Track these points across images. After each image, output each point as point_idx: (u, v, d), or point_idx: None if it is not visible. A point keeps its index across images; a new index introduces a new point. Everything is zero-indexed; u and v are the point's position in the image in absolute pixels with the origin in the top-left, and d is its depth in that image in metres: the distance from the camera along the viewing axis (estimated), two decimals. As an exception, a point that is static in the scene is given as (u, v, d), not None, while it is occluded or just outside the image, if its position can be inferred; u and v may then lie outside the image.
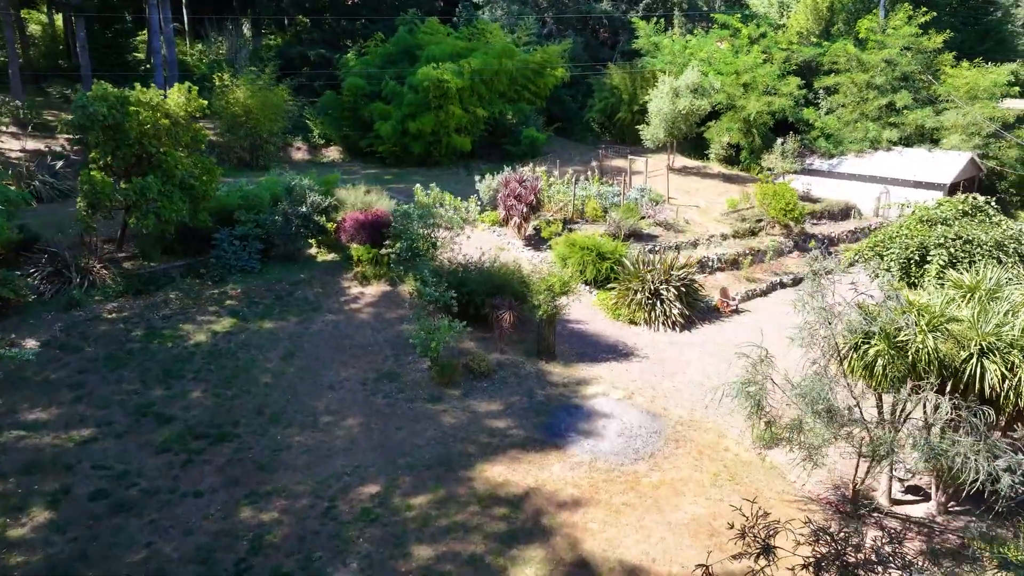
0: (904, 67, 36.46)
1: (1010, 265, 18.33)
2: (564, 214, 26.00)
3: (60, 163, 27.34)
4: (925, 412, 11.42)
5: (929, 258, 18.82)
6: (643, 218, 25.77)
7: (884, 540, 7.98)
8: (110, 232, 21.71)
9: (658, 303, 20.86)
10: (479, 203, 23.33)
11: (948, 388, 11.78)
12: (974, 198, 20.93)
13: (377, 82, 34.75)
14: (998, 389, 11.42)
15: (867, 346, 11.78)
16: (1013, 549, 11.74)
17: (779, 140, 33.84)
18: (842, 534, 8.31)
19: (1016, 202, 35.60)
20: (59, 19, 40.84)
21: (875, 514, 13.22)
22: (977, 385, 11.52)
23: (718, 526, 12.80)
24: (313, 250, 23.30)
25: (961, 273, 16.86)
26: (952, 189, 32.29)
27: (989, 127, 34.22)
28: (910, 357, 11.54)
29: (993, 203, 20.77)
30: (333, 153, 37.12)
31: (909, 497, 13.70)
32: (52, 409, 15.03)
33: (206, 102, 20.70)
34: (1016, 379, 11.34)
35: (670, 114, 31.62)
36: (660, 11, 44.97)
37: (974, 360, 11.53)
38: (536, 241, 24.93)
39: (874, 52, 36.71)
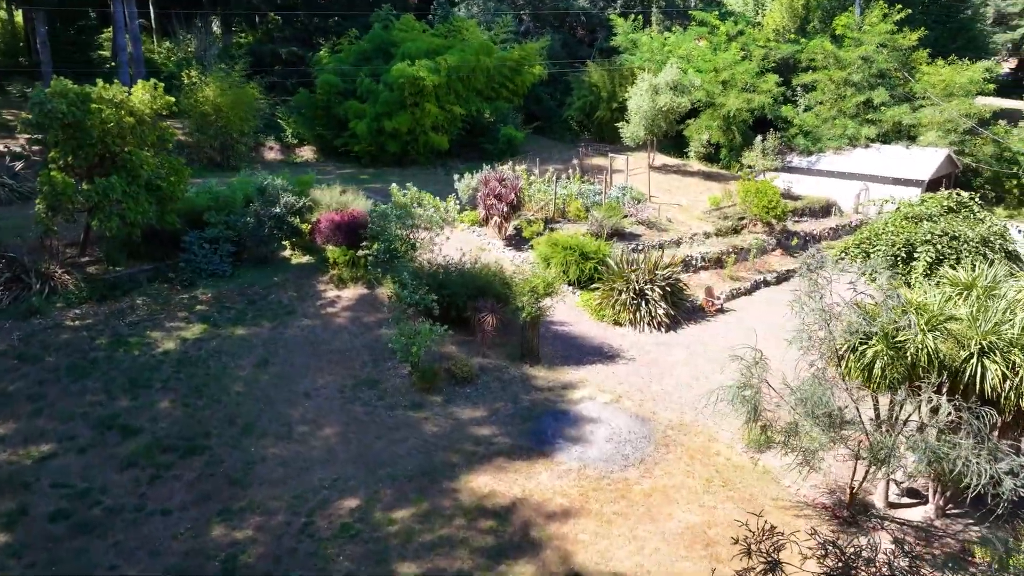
0: (880, 64, 36.50)
1: (996, 261, 18.20)
2: (545, 213, 25.50)
3: (20, 164, 26.23)
4: (921, 414, 11.05)
5: (916, 255, 18.63)
6: (625, 217, 25.36)
7: (897, 553, 7.54)
8: (73, 236, 20.75)
9: (643, 303, 20.43)
10: (458, 203, 22.76)
11: (948, 389, 11.44)
12: (958, 194, 20.82)
13: (352, 80, 33.98)
14: (999, 389, 11.10)
15: (865, 347, 11.41)
16: (1017, 557, 11.45)
17: (758, 137, 33.67)
18: (852, 548, 7.86)
19: (992, 198, 35.79)
20: (19, 15, 39.45)
21: (873, 519, 12.87)
22: (978, 386, 11.19)
23: (714, 535, 12.36)
24: (287, 252, 22.52)
25: (953, 270, 16.65)
26: (930, 186, 32.34)
27: (966, 124, 34.36)
28: (909, 358, 11.18)
29: (977, 199, 20.66)
30: (307, 153, 36.23)
31: (906, 500, 13.39)
32: (9, 423, 14.17)
33: (173, 99, 19.86)
34: (1017, 379, 11.03)
35: (650, 111, 31.28)
36: (638, 8, 44.66)
37: (974, 360, 11.20)
38: (517, 241, 24.39)
39: (851, 49, 36.70)
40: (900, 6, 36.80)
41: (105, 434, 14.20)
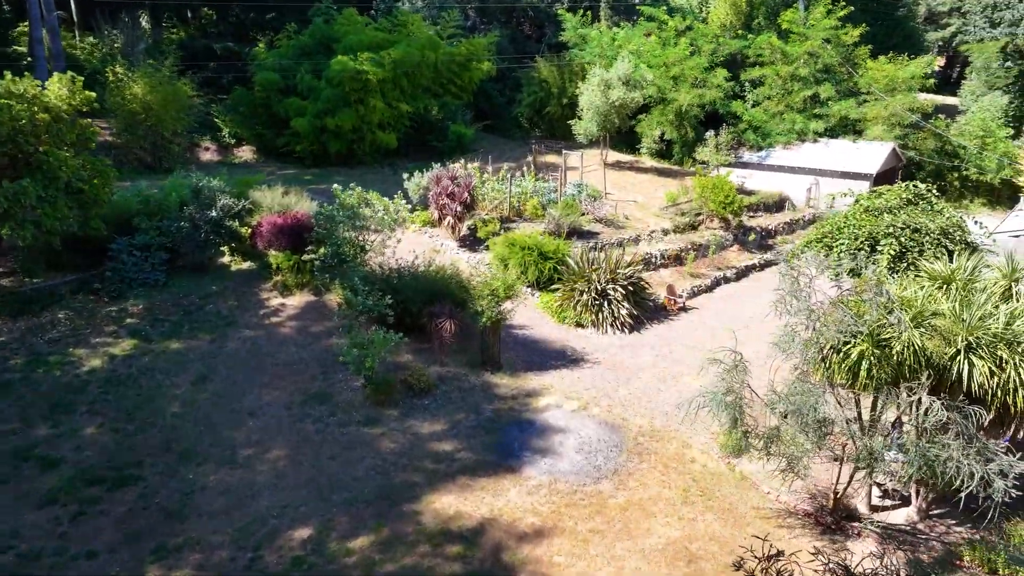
0: (826, 59, 36.77)
1: (957, 253, 18.05)
2: (500, 212, 24.58)
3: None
4: (913, 414, 10.52)
5: (879, 248, 18.36)
6: (583, 215, 24.63)
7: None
8: (-16, 245, 18.93)
9: (606, 304, 19.69)
10: (409, 203, 21.63)
11: (934, 387, 10.93)
12: (915, 186, 20.70)
13: (292, 76, 32.40)
14: (987, 386, 10.66)
15: (849, 347, 10.83)
16: (1003, 556, 11.04)
17: (709, 133, 33.45)
18: (859, 569, 7.17)
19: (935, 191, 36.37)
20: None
21: (856, 524, 12.35)
22: (965, 383, 10.72)
23: (696, 550, 11.64)
24: (226, 259, 21.07)
25: (919, 263, 16.37)
26: (877, 179, 32.61)
27: (910, 118, 34.82)
28: (895, 357, 10.64)
29: (934, 190, 20.59)
30: (246, 153, 34.49)
31: (888, 502, 12.92)
32: (-94, 460, 12.53)
33: (94, 95, 18.20)
34: (1005, 376, 10.60)
35: (603, 106, 30.65)
36: (586, 3, 44.13)
37: (961, 357, 10.74)
38: (472, 242, 23.40)
39: (797, 44, 36.87)
40: (843, 2, 37.14)
41: (20, 467, 12.70)
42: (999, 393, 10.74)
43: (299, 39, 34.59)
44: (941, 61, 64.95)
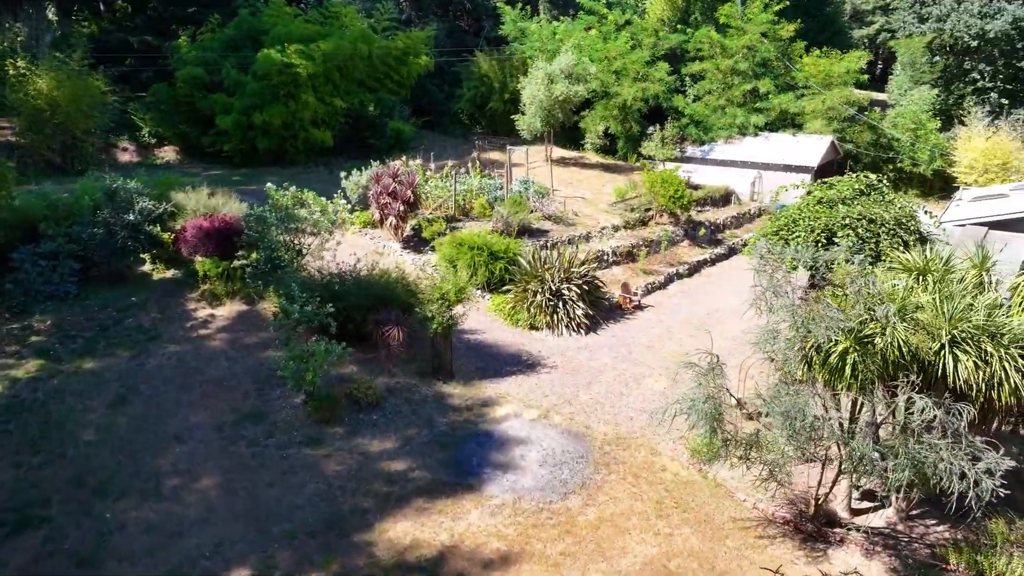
0: (764, 53, 36.91)
1: (911, 244, 17.87)
2: (445, 211, 23.41)
3: None
4: (902, 414, 9.91)
5: (836, 240, 18.00)
6: (532, 212, 23.69)
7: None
8: None
9: (560, 304, 18.79)
10: (348, 203, 20.25)
11: (917, 383, 10.37)
12: (866, 176, 20.53)
13: (217, 71, 30.43)
14: (971, 381, 10.15)
15: (831, 345, 10.16)
16: (989, 558, 10.58)
17: (653, 127, 33.07)
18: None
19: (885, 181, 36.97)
20: None
21: (838, 530, 11.75)
22: (950, 379, 10.19)
23: (676, 568, 10.80)
24: (148, 267, 19.29)
25: (876, 255, 16.04)
26: (818, 172, 32.83)
27: (847, 111, 35.22)
28: (878, 353, 10.03)
29: (885, 181, 20.46)
30: (169, 153, 32.33)
31: (867, 504, 12.39)
32: None
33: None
34: (990, 370, 10.11)
35: (546, 101, 29.80)
36: (525, -5, 43.23)
37: (946, 351, 10.20)
38: (417, 242, 22.17)
39: (735, 38, 36.88)
40: (779, -2, 37.38)
41: (-100, 515, 10.92)
42: (983, 387, 10.24)
43: (224, 32, 32.59)
44: (869, 57, 66.90)
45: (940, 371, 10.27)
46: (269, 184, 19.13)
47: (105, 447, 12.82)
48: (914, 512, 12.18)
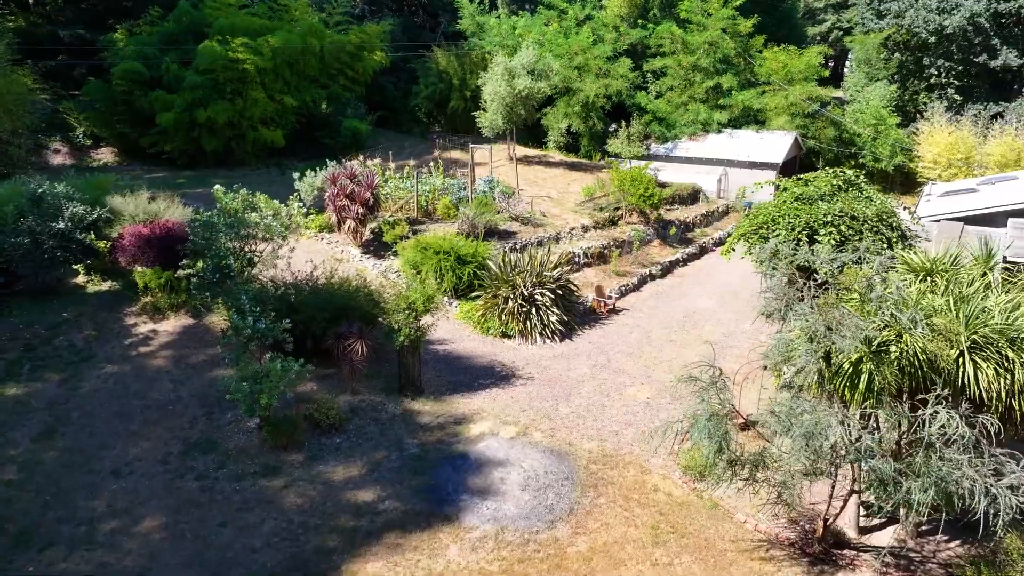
0: (725, 49, 36.44)
1: (894, 241, 17.30)
2: (407, 213, 22.13)
3: None
4: (926, 429, 9.07)
5: (819, 238, 17.27)
6: (498, 213, 22.56)
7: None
8: None
9: (533, 310, 17.70)
10: (303, 206, 18.79)
11: (943, 396, 9.56)
12: (843, 172, 19.93)
13: (157, 67, 28.53)
14: (991, 390, 9.39)
15: (843, 356, 9.28)
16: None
17: (616, 124, 32.27)
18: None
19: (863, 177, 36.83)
20: None
21: (848, 552, 10.92)
22: (970, 388, 9.42)
23: (680, 605, 9.81)
24: (81, 279, 17.65)
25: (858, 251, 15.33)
26: (783, 168, 32.49)
27: (809, 107, 34.99)
28: (894, 362, 9.19)
29: (863, 176, 19.89)
30: (107, 155, 30.32)
31: (875, 522, 11.59)
32: None
33: None
34: (1011, 377, 9.36)
35: (508, 97, 28.71)
36: (483, -11, 42.08)
37: (965, 358, 9.42)
38: (378, 247, 20.85)
39: (697, 34, 36.35)
40: (737, -6, 36.96)
41: None
42: (1004, 397, 9.50)
43: (164, 25, 30.71)
44: (828, 51, 67.45)
45: (960, 380, 9.48)
46: (217, 186, 17.61)
47: (29, 487, 11.30)
48: (924, 529, 11.43)
